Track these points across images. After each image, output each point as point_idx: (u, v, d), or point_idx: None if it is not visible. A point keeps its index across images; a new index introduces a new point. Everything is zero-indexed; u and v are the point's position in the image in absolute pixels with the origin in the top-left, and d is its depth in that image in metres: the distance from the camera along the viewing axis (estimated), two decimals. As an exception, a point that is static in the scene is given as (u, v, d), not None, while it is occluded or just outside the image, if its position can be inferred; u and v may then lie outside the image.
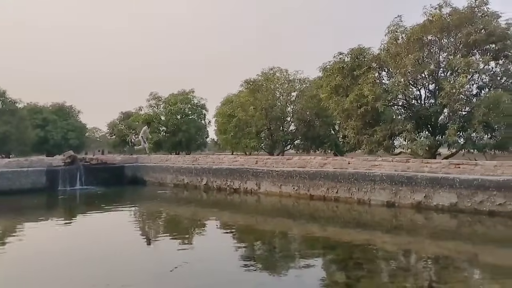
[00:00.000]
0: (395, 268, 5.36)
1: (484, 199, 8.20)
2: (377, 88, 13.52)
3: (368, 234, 7.24)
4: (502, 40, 12.48)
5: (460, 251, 6.17)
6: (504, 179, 8.10)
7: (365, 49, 14.98)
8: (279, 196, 11.50)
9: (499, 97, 11.61)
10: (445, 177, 8.82)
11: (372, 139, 14.23)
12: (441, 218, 8.40)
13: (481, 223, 7.90)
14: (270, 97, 20.16)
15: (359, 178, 10.02)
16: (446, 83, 12.49)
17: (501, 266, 5.35)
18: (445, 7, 12.96)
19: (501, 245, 6.49)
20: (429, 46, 13.68)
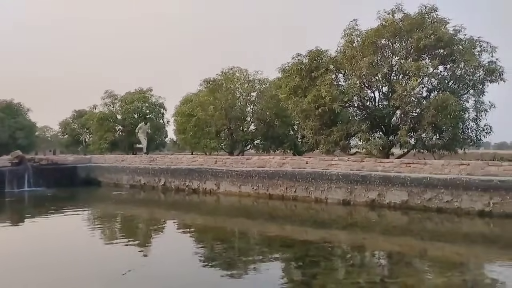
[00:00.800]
0: (350, 264, 5.50)
1: (432, 197, 8.62)
2: (334, 90, 13.85)
3: (324, 232, 7.40)
4: (450, 46, 13.17)
5: (411, 247, 6.43)
6: (451, 178, 8.56)
7: (323, 51, 15.29)
8: (239, 196, 11.49)
9: (446, 100, 12.23)
10: (397, 175, 9.19)
11: (329, 139, 14.55)
12: (393, 215, 8.74)
13: (430, 219, 8.30)
14: (230, 97, 20.09)
15: (316, 178, 10.22)
16: (398, 86, 13.00)
17: (448, 260, 5.63)
18: (397, 13, 13.48)
19: (448, 240, 6.83)
20: (382, 49, 14.18)
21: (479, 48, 13.22)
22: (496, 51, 13.11)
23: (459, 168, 8.84)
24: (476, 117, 13.66)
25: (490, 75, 13.14)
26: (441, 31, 12.84)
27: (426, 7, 13.26)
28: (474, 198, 8.19)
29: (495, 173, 8.41)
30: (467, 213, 8.24)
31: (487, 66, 13.15)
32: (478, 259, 5.81)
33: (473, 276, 4.97)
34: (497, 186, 8.01)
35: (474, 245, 6.50)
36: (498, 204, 7.96)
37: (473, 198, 8.20)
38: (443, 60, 13.59)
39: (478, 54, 13.15)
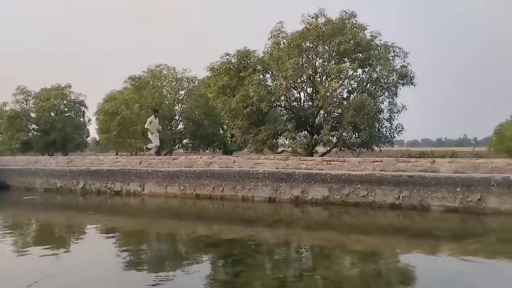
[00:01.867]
0: (273, 260, 5.62)
1: (350, 192, 9.15)
2: (262, 90, 14.10)
3: (250, 230, 7.48)
4: (367, 50, 14.08)
5: (330, 240, 6.75)
6: (366, 174, 9.17)
7: (251, 51, 15.49)
8: (165, 197, 11.19)
9: (364, 101, 13.08)
10: (319, 173, 9.62)
11: (257, 138, 14.79)
12: (315, 211, 9.12)
13: (348, 213, 8.81)
14: (157, 95, 19.52)
15: (243, 176, 10.31)
16: (321, 87, 13.62)
17: (363, 251, 6.00)
18: (320, 17, 14.09)
19: (363, 232, 7.29)
20: (307, 52, 14.76)
21: (393, 54, 14.31)
22: (408, 56, 14.32)
23: (373, 164, 9.50)
24: (390, 118, 14.80)
25: (402, 79, 14.29)
26: (360, 37, 13.68)
27: (346, 13, 14.04)
28: (386, 192, 8.85)
29: (404, 169, 9.19)
30: (380, 206, 8.88)
31: (399, 71, 14.28)
32: (390, 249, 6.27)
33: (384, 264, 5.34)
34: (406, 180, 8.73)
35: (386, 236, 7.00)
36: (407, 197, 8.68)
37: (385, 192, 8.85)
38: (362, 64, 14.50)
39: (392, 59, 14.24)
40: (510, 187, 7.96)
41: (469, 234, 6.87)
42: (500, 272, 5.08)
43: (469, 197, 8.22)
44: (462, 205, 8.26)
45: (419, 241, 6.63)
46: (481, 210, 8.12)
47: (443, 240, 6.55)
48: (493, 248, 6.10)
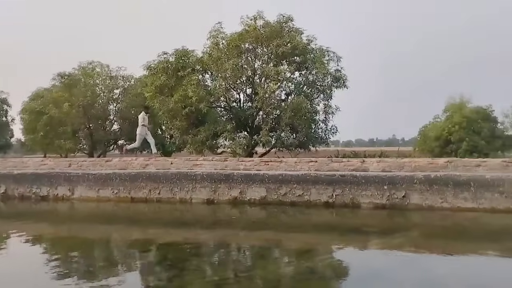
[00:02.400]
0: (209, 263, 5.57)
1: (287, 192, 9.36)
2: (201, 90, 14.00)
3: (187, 233, 7.36)
4: (304, 54, 14.56)
5: (267, 240, 6.84)
6: (302, 173, 9.44)
7: (190, 51, 15.31)
8: (97, 201, 10.63)
9: (300, 103, 13.51)
10: (257, 173, 9.72)
11: (196, 139, 14.64)
12: (253, 211, 9.20)
13: (284, 213, 9.00)
14: (89, 93, 18.54)
15: (181, 178, 10.11)
16: (260, 89, 13.82)
17: (298, 249, 6.16)
18: (259, 20, 14.32)
19: (299, 230, 7.49)
20: (246, 53, 14.91)
21: (327, 57, 14.93)
22: (341, 60, 15.02)
23: (308, 164, 9.82)
24: (325, 119, 15.43)
25: (336, 81, 14.95)
26: (297, 40, 14.12)
27: (284, 17, 14.39)
28: (320, 191, 9.17)
29: (337, 168, 9.60)
30: (315, 205, 9.18)
31: (334, 74, 14.92)
32: (323, 245, 6.49)
33: (317, 261, 5.52)
34: (339, 180, 9.12)
35: (320, 233, 7.25)
36: (339, 196, 9.07)
37: (320, 191, 9.18)
38: (299, 67, 14.97)
39: (327, 62, 14.84)
40: (431, 184, 8.63)
41: (394, 229, 7.32)
42: (422, 264, 5.49)
43: (395, 194, 8.78)
44: (389, 202, 8.80)
45: (350, 237, 6.94)
46: (406, 206, 8.72)
47: (371, 235, 6.92)
48: (415, 241, 6.55)
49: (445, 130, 21.04)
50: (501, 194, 8.22)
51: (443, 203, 8.52)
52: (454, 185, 8.48)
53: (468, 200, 8.40)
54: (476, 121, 20.80)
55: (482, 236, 6.99)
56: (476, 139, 20.20)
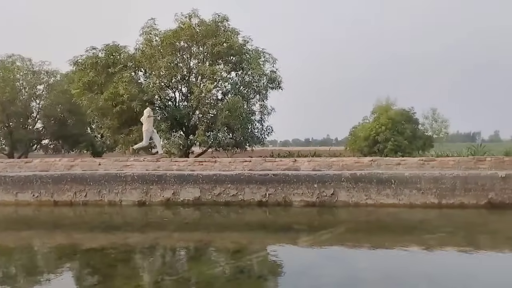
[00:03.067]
0: (136, 267, 5.37)
1: (221, 192, 9.34)
2: (133, 88, 13.48)
3: (115, 236, 7.04)
4: (240, 54, 14.62)
5: (199, 241, 6.76)
6: (236, 173, 9.47)
7: (121, 47, 14.69)
8: (15, 205, 9.81)
9: (236, 103, 13.55)
10: (191, 174, 9.58)
11: (128, 138, 14.08)
12: (186, 212, 9.06)
13: (218, 213, 8.96)
14: (8, 89, 17.04)
15: (110, 180, 9.66)
16: (196, 88, 13.64)
17: (229, 249, 6.15)
18: (194, 18, 14.12)
19: (232, 230, 7.50)
20: (181, 51, 14.64)
21: (263, 58, 15.12)
22: (276, 62, 15.30)
23: (243, 164, 9.88)
24: (261, 119, 15.64)
25: (272, 83, 15.21)
26: (233, 40, 14.14)
27: (219, 16, 14.33)
28: (254, 191, 9.27)
29: (270, 168, 9.77)
30: (249, 204, 9.26)
31: (269, 75, 15.16)
32: (255, 244, 6.55)
33: (248, 260, 5.55)
34: (272, 179, 9.29)
35: (253, 232, 7.30)
36: (273, 195, 9.24)
37: (253, 190, 9.27)
38: (235, 67, 15.01)
39: (262, 63, 15.04)
40: (357, 182, 9.10)
41: (323, 226, 7.59)
42: (346, 258, 5.76)
43: (324, 192, 9.14)
44: (318, 199, 9.13)
45: (281, 235, 7.10)
46: (334, 203, 9.11)
47: (301, 232, 7.12)
48: (342, 237, 6.85)
49: (372, 130, 22.34)
50: (418, 191, 8.90)
51: (368, 200, 9.03)
52: (377, 183, 9.03)
53: (389, 196, 8.98)
54: (400, 123, 22.35)
55: (401, 230, 7.52)
56: (400, 139, 21.69)
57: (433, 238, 6.52)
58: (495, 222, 7.85)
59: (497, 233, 6.94)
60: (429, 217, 8.30)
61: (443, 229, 7.17)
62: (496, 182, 8.69)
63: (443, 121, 28.43)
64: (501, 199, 8.64)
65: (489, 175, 8.78)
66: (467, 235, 6.89)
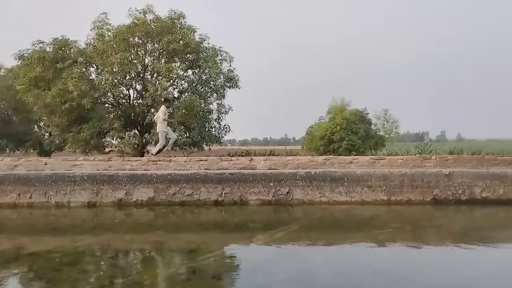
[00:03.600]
0: (82, 272, 5.13)
1: (176, 191, 9.17)
2: (84, 84, 12.93)
3: (62, 239, 6.70)
4: (196, 52, 14.43)
5: (153, 241, 6.59)
6: (192, 173, 9.35)
7: (71, 41, 14.05)
8: (-50, 209, 9.08)
9: (193, 101, 13.36)
10: (144, 173, 9.33)
11: (79, 137, 13.49)
12: (140, 213, 8.81)
13: (173, 213, 8.79)
14: None
15: (57, 180, 9.19)
16: (151, 86, 13.30)
17: (185, 249, 6.05)
18: (149, 13, 13.76)
19: (186, 230, 7.38)
20: (136, 48, 14.22)
21: (220, 57, 15.03)
22: (233, 61, 15.26)
23: (198, 163, 9.77)
24: (218, 118, 15.53)
25: (229, 81, 15.15)
26: (189, 38, 13.92)
27: (175, 13, 14.07)
28: (210, 190, 9.19)
29: (226, 167, 9.73)
30: (205, 203, 9.17)
31: (227, 74, 15.09)
32: (210, 244, 6.47)
33: (201, 260, 5.48)
34: (228, 178, 9.25)
35: (208, 232, 7.22)
36: (229, 194, 9.21)
37: (209, 190, 9.19)
38: (192, 65, 14.80)
39: (219, 62, 14.94)
40: (311, 180, 9.28)
41: (278, 224, 7.66)
42: (300, 255, 5.85)
43: (280, 190, 9.24)
44: (274, 198, 9.22)
45: (237, 234, 7.09)
46: (289, 201, 9.23)
47: (257, 231, 7.15)
48: (296, 234, 6.95)
49: (328, 130, 22.92)
50: (369, 188, 9.23)
51: (322, 198, 9.23)
52: (331, 181, 9.26)
53: (342, 194, 9.24)
54: (354, 123, 23.09)
55: (353, 226, 7.75)
56: (354, 138, 22.42)
57: (382, 233, 6.78)
58: (439, 218, 8.30)
59: (441, 228, 7.33)
60: (379, 213, 8.62)
61: (391, 224, 7.48)
62: (441, 180, 9.19)
63: (394, 121, 29.81)
64: (445, 195, 9.15)
65: (434, 173, 9.27)
66: (413, 230, 7.23)
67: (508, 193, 9.05)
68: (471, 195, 9.11)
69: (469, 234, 6.83)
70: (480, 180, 9.14)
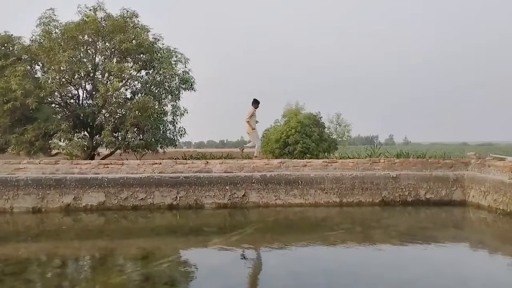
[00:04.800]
0: (25, 281, 4.83)
1: (128, 196, 8.91)
2: (28, 83, 12.20)
3: (4, 247, 6.32)
4: (150, 52, 14.08)
5: (102, 248, 6.36)
6: (145, 176, 9.12)
7: (14, 37, 13.23)
8: None
9: (147, 103, 13.01)
10: (94, 177, 8.97)
11: (22, 138, 12.70)
12: (89, 218, 8.45)
13: (125, 218, 8.52)
14: None
15: (-2, 185, 8.61)
16: (101, 86, 12.81)
17: (137, 255, 5.88)
18: (99, 11, 13.26)
19: (138, 236, 7.18)
20: (85, 46, 13.64)
21: (175, 58, 14.77)
22: (189, 62, 15.05)
23: (152, 167, 9.54)
24: (173, 120, 15.24)
25: (185, 83, 14.92)
26: (142, 37, 13.54)
27: (128, 11, 13.67)
28: (164, 194, 9.02)
29: (181, 170, 9.58)
30: (159, 207, 8.99)
31: (182, 76, 14.86)
32: (163, 249, 6.35)
33: (154, 266, 5.36)
34: (183, 181, 9.13)
35: (161, 237, 7.09)
36: (184, 198, 9.09)
37: (163, 193, 9.02)
38: (145, 65, 14.42)
39: (174, 63, 14.67)
40: (267, 183, 9.38)
41: (233, 227, 7.68)
42: (255, 257, 5.89)
43: (236, 193, 9.25)
44: (230, 201, 9.22)
45: (191, 238, 7.00)
46: (245, 204, 9.27)
47: (212, 235, 7.12)
48: (251, 237, 6.99)
49: (283, 133, 23.23)
50: (322, 190, 9.49)
51: (277, 200, 9.36)
52: (285, 184, 9.41)
53: (297, 196, 9.42)
54: (309, 126, 23.57)
55: (306, 228, 7.92)
56: (308, 141, 22.86)
57: (333, 234, 7.00)
58: (387, 218, 8.69)
59: (388, 228, 7.68)
60: (331, 215, 8.89)
61: (343, 225, 7.74)
62: (389, 182, 9.64)
63: (346, 125, 30.82)
64: (393, 197, 9.61)
65: (383, 176, 9.70)
66: (363, 230, 7.52)
67: (449, 194, 9.67)
68: (416, 197, 9.63)
69: (414, 233, 7.21)
70: (425, 182, 9.69)
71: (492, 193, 8.52)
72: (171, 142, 15.41)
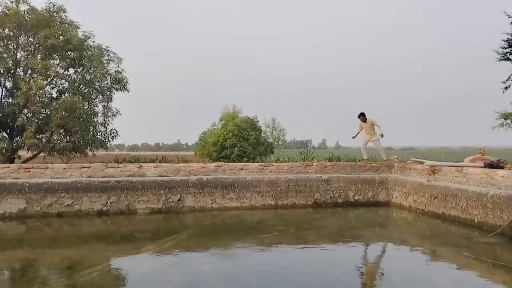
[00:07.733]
0: None
1: (53, 202, 8.33)
2: None
3: None
4: (79, 50, 13.33)
5: (20, 259, 5.85)
6: (72, 181, 8.58)
7: None
8: None
9: (75, 103, 12.29)
10: (14, 182, 8.27)
11: None
12: (8, 227, 7.76)
13: (49, 226, 7.94)
14: None
15: None
16: (23, 83, 11.88)
17: (61, 266, 5.50)
18: (22, 3, 12.32)
19: (63, 245, 6.72)
20: (6, 40, 12.57)
21: (107, 57, 14.15)
22: (122, 62, 14.50)
23: (80, 171, 9.01)
24: (104, 122, 14.56)
25: (117, 83, 14.34)
26: (70, 34, 12.81)
27: (55, 6, 12.85)
28: (93, 199, 8.56)
29: (113, 174, 9.16)
30: (87, 214, 8.51)
31: (114, 75, 14.26)
32: (90, 258, 6.00)
33: (79, 277, 5.05)
34: (114, 186, 8.73)
35: (89, 245, 6.69)
36: (115, 203, 8.69)
37: (92, 199, 8.55)
38: (74, 63, 13.63)
39: (106, 62, 14.04)
40: (203, 187, 9.30)
41: (168, 233, 7.49)
42: (190, 263, 5.79)
43: (171, 198, 9.05)
44: (165, 206, 8.99)
45: (122, 246, 6.72)
46: (181, 209, 9.10)
47: (145, 241, 6.88)
48: (186, 242, 6.87)
49: (221, 136, 23.21)
50: (258, 193, 9.62)
51: (213, 204, 9.31)
52: (222, 187, 9.40)
53: (233, 200, 9.45)
54: (246, 129, 23.81)
55: (242, 231, 7.98)
56: (245, 145, 23.09)
57: (268, 237, 7.12)
58: (319, 220, 9.03)
59: (320, 229, 7.99)
60: (267, 217, 9.04)
61: (277, 227, 7.90)
62: (321, 184, 10.04)
63: (281, 129, 31.64)
64: (324, 199, 10.02)
65: (315, 178, 10.08)
66: (296, 232, 7.73)
67: (375, 195, 10.31)
68: (346, 198, 10.14)
69: (343, 233, 7.58)
70: (353, 184, 10.23)
71: (412, 194, 9.24)
72: (102, 145, 14.72)
